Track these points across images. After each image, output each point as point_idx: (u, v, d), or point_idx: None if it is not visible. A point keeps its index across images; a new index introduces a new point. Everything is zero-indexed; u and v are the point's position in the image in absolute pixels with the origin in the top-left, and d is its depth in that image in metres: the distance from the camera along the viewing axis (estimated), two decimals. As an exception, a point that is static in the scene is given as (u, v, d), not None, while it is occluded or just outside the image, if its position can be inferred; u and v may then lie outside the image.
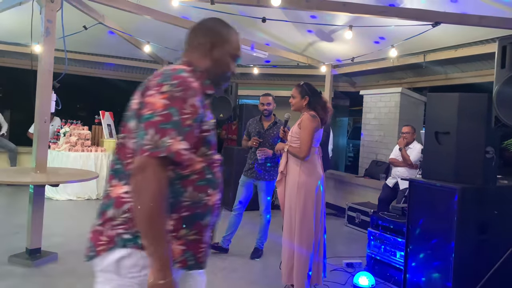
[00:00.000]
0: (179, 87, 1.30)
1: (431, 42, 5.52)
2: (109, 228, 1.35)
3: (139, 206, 1.24)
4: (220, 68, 1.54)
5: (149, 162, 1.23)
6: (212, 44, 1.52)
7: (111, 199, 1.36)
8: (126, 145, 1.36)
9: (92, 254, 1.38)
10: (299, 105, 3.33)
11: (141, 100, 1.34)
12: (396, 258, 3.67)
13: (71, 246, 4.30)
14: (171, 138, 1.24)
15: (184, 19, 5.78)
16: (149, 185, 1.22)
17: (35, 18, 4.09)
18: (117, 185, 1.36)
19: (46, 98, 3.94)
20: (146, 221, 1.23)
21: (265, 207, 4.24)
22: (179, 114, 1.27)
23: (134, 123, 1.34)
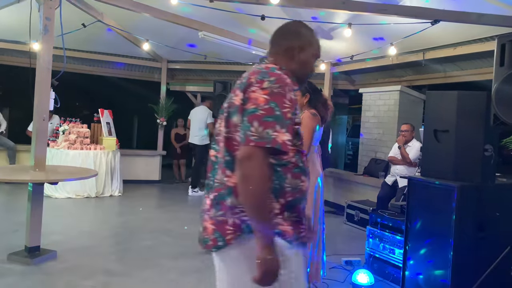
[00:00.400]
0: (277, 84, 1.44)
1: (430, 40, 5.51)
2: (232, 216, 1.46)
3: (247, 190, 1.37)
4: (305, 69, 1.69)
5: (255, 151, 1.37)
6: (300, 48, 1.66)
7: (228, 188, 1.47)
8: (233, 138, 1.48)
9: (221, 244, 1.47)
10: (300, 103, 3.32)
11: (244, 96, 1.46)
12: (395, 256, 3.68)
13: (70, 244, 4.31)
14: (275, 131, 1.38)
15: (183, 17, 5.77)
16: (256, 172, 1.36)
17: (33, 16, 4.08)
18: (232, 175, 1.46)
19: (44, 96, 3.93)
20: (253, 204, 1.38)
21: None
22: (280, 108, 1.40)
23: (237, 117, 1.47)
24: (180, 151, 9.09)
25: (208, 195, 1.56)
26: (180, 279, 3.59)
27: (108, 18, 6.32)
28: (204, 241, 1.55)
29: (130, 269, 3.74)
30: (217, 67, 8.83)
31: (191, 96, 9.70)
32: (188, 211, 6.33)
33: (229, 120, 1.51)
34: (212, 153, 1.61)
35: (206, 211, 1.55)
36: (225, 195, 1.47)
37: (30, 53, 4.32)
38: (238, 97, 1.48)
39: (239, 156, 1.39)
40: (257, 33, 6.48)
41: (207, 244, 1.53)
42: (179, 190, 8.24)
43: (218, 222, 1.49)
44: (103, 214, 6.13)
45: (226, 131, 1.51)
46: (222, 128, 1.54)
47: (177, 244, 4.57)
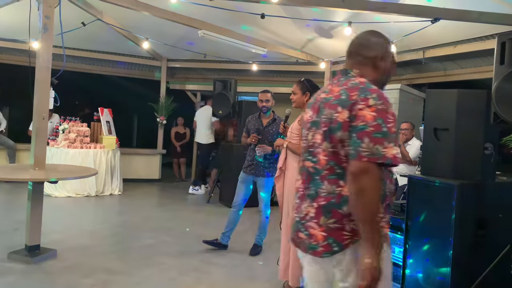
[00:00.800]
0: (380, 100, 1.55)
1: (431, 38, 5.51)
2: (349, 223, 1.56)
3: (362, 203, 1.48)
4: (387, 76, 1.79)
5: (369, 166, 1.48)
6: (381, 57, 1.75)
7: (342, 197, 1.57)
8: (339, 152, 1.59)
9: (337, 249, 1.57)
10: (300, 101, 3.32)
11: (350, 113, 1.55)
12: (394, 254, 3.67)
13: (70, 243, 4.31)
14: (385, 147, 1.49)
15: (183, 16, 5.76)
16: (370, 186, 1.47)
17: (33, 15, 4.07)
18: (345, 186, 1.58)
19: (44, 95, 3.93)
20: (370, 214, 1.48)
21: (264, 203, 4.24)
22: (386, 124, 1.52)
23: (341, 133, 1.56)
24: (180, 150, 9.09)
25: (311, 204, 1.65)
26: (179, 278, 3.59)
27: (108, 16, 6.32)
28: (311, 248, 1.63)
29: (130, 267, 3.74)
30: (217, 66, 8.83)
31: (191, 94, 9.70)
32: (188, 210, 6.33)
33: (331, 135, 1.60)
34: (309, 164, 1.71)
35: (311, 219, 1.64)
36: (340, 203, 1.58)
37: (29, 51, 4.31)
38: (342, 114, 1.56)
39: (353, 171, 1.49)
40: (257, 32, 6.48)
41: (315, 250, 1.62)
42: (179, 188, 8.24)
43: (330, 229, 1.58)
44: (103, 213, 6.13)
45: (330, 146, 1.61)
46: (320, 141, 1.65)
47: (177, 243, 4.58)
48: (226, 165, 6.89)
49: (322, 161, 1.64)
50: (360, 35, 1.81)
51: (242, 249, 4.41)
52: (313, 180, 1.68)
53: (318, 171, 1.65)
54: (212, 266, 3.93)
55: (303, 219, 1.68)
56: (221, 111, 7.04)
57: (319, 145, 1.65)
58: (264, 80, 8.95)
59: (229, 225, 4.35)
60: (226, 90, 6.98)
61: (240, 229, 4.54)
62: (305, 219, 1.67)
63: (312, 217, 1.64)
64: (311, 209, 1.65)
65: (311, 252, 1.64)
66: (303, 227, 1.68)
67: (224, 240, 4.37)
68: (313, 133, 1.70)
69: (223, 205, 6.65)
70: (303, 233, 1.68)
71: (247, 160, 4.32)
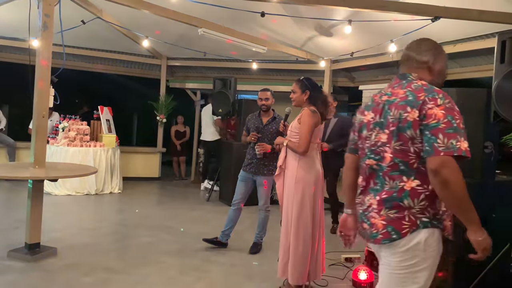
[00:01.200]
0: (447, 99, 1.71)
1: (431, 37, 5.43)
2: (409, 214, 1.73)
3: (451, 192, 1.63)
4: (442, 78, 2.00)
5: (447, 159, 1.62)
6: (432, 62, 1.94)
7: (404, 191, 1.74)
8: (408, 149, 1.73)
9: (396, 237, 1.73)
10: (300, 99, 3.32)
11: (420, 113, 1.70)
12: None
13: (70, 241, 4.32)
14: (458, 141, 1.63)
15: (182, 14, 5.75)
16: (453, 176, 1.62)
17: (33, 13, 4.07)
18: (408, 181, 1.74)
19: (44, 93, 3.92)
20: (461, 200, 1.65)
21: (264, 202, 4.25)
22: (455, 120, 1.66)
23: (410, 131, 1.71)
24: (180, 148, 9.09)
25: (374, 197, 1.83)
26: (179, 277, 3.59)
27: (108, 15, 6.31)
28: (372, 236, 1.82)
29: (129, 266, 3.74)
30: (217, 64, 8.82)
31: (191, 93, 9.70)
32: (188, 208, 6.33)
33: (400, 133, 1.74)
34: (372, 162, 1.86)
35: (373, 210, 1.81)
36: (401, 197, 1.74)
37: (29, 50, 4.31)
38: (412, 113, 1.71)
39: (433, 167, 1.63)
40: (257, 30, 6.47)
41: (375, 238, 1.80)
42: (179, 187, 8.24)
43: (390, 218, 1.75)
44: (103, 211, 6.13)
45: (398, 144, 1.75)
46: (385, 140, 1.80)
47: (177, 241, 4.58)
48: (225, 164, 6.89)
49: (387, 158, 1.79)
50: (411, 42, 2.02)
51: (241, 247, 4.41)
52: (377, 176, 1.84)
53: (382, 168, 1.81)
54: (211, 265, 3.93)
55: (366, 210, 1.87)
56: (221, 110, 7.04)
57: (384, 144, 1.80)
58: (264, 78, 8.94)
59: (228, 224, 4.35)
60: (226, 89, 6.98)
61: (239, 227, 4.54)
62: (368, 211, 1.85)
63: (374, 208, 1.81)
64: (374, 202, 1.82)
65: (372, 241, 1.82)
66: (365, 218, 1.86)
67: (224, 239, 4.37)
68: (376, 133, 1.85)
69: (223, 204, 6.65)
70: (366, 223, 1.86)
71: (247, 159, 4.32)
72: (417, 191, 1.73)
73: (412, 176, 1.73)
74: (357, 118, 2.01)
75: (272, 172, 4.14)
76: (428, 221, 1.73)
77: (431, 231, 1.73)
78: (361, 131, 1.96)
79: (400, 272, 1.76)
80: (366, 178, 1.91)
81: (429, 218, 1.73)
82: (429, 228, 1.73)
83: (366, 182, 1.91)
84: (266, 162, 4.19)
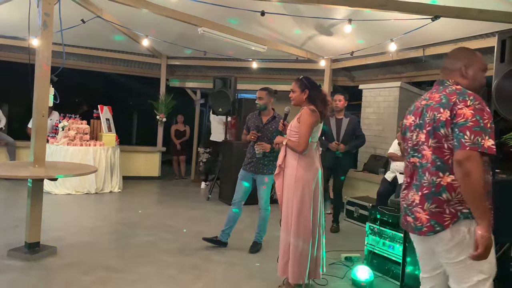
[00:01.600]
0: (477, 101, 1.89)
1: (431, 36, 5.50)
2: (448, 207, 1.94)
3: (469, 184, 1.82)
4: (477, 82, 2.10)
5: (472, 153, 1.81)
6: (465, 68, 2.09)
7: (442, 186, 1.95)
8: (443, 146, 1.95)
9: (439, 229, 1.95)
10: (299, 99, 3.32)
11: (451, 113, 1.91)
12: (394, 252, 3.68)
13: (70, 240, 4.32)
14: (483, 139, 1.82)
15: (182, 13, 5.75)
16: (475, 169, 1.80)
17: (32, 12, 4.07)
18: (444, 176, 1.95)
19: (44, 92, 3.92)
20: (478, 194, 1.82)
21: (264, 201, 4.25)
22: (483, 120, 1.85)
23: (444, 130, 1.94)
24: (180, 148, 9.09)
25: (416, 193, 2.04)
26: (179, 275, 3.59)
27: (108, 14, 6.30)
28: (417, 229, 2.04)
29: (129, 265, 3.75)
30: (217, 63, 8.82)
31: (191, 92, 9.70)
32: (188, 207, 6.33)
33: (435, 132, 1.97)
34: (415, 160, 2.09)
35: (417, 205, 2.03)
36: (439, 192, 1.95)
37: (29, 49, 4.31)
38: (444, 114, 1.94)
39: (459, 158, 1.83)
40: (257, 30, 6.47)
41: (420, 230, 2.02)
42: (179, 186, 8.25)
43: (432, 213, 1.97)
44: (103, 210, 6.13)
45: (435, 141, 1.98)
46: (424, 139, 2.03)
47: (177, 240, 4.58)
48: (225, 163, 6.89)
49: (428, 156, 2.01)
50: (450, 52, 2.22)
51: (241, 246, 4.41)
52: (418, 173, 2.06)
53: (422, 165, 2.04)
54: (211, 264, 3.93)
55: (410, 205, 2.09)
56: (221, 109, 7.04)
57: (424, 143, 2.04)
58: (264, 77, 8.94)
59: (228, 223, 4.35)
60: (226, 88, 6.98)
61: (239, 226, 4.55)
62: (412, 205, 2.07)
63: (417, 203, 2.03)
64: (416, 197, 2.04)
65: (417, 233, 2.04)
66: (410, 212, 2.09)
67: (224, 238, 4.37)
68: (417, 134, 2.09)
69: (223, 203, 6.65)
70: (410, 217, 2.09)
71: (247, 158, 4.33)
72: (453, 185, 1.92)
73: (447, 172, 1.94)
74: (402, 122, 2.26)
75: (272, 171, 4.14)
76: (468, 212, 1.90)
77: (471, 221, 1.90)
78: (405, 133, 2.22)
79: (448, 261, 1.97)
80: (410, 175, 2.13)
81: (468, 209, 1.90)
82: (470, 219, 1.90)
83: (410, 178, 2.13)
84: (266, 162, 4.20)
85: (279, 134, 3.52)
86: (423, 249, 2.16)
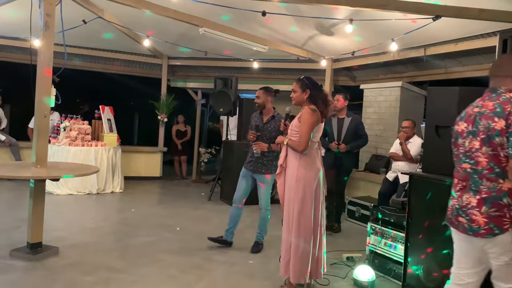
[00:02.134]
0: None
1: (432, 36, 5.50)
2: (508, 211, 2.01)
3: None
4: None
5: None
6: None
7: (503, 192, 2.02)
8: (499, 154, 2.03)
9: (498, 232, 2.02)
10: (300, 99, 3.32)
11: (506, 122, 1.99)
12: (396, 252, 3.68)
13: (72, 240, 4.33)
14: None
15: (184, 13, 5.76)
16: None
17: (34, 12, 4.08)
18: (504, 182, 2.02)
19: (45, 93, 3.93)
20: None
21: (264, 200, 4.26)
22: None
23: (499, 139, 2.00)
24: (181, 148, 9.10)
25: (473, 196, 2.10)
26: (180, 275, 3.60)
27: (109, 14, 6.31)
28: (471, 230, 2.10)
29: (131, 265, 3.75)
30: (218, 64, 8.82)
31: (192, 92, 9.70)
32: (189, 207, 6.34)
33: (490, 141, 2.04)
34: (466, 166, 2.16)
35: (473, 208, 2.09)
36: (500, 196, 2.03)
37: (31, 49, 4.32)
38: (499, 123, 2.01)
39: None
40: (258, 30, 6.47)
41: (477, 232, 2.08)
42: (180, 186, 8.25)
43: (492, 216, 2.03)
44: (105, 210, 6.14)
45: (490, 149, 2.05)
46: (478, 147, 2.10)
47: (178, 240, 4.59)
48: (226, 163, 6.89)
49: (483, 163, 2.07)
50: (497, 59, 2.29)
51: (243, 246, 4.41)
52: (471, 178, 2.13)
53: (477, 171, 2.10)
54: (212, 264, 3.94)
55: (465, 207, 2.14)
56: (222, 109, 7.04)
57: (478, 150, 2.10)
58: (265, 77, 8.94)
59: (231, 222, 4.36)
60: (227, 88, 6.98)
61: (240, 226, 4.55)
62: (466, 207, 2.13)
63: (474, 206, 2.09)
64: (473, 200, 2.10)
65: (473, 234, 2.10)
66: (464, 213, 2.14)
67: (229, 237, 4.39)
68: (469, 141, 2.15)
69: (224, 203, 6.66)
70: (463, 218, 2.14)
71: (249, 156, 4.35)
72: None
73: (507, 178, 2.01)
74: (453, 129, 2.33)
75: (271, 171, 4.15)
76: None
77: None
78: (456, 139, 2.28)
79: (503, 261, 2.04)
80: (463, 179, 2.19)
81: None
82: None
83: (464, 182, 2.18)
84: (264, 161, 4.21)
85: (278, 133, 3.52)
86: (470, 247, 2.19)
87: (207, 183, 8.44)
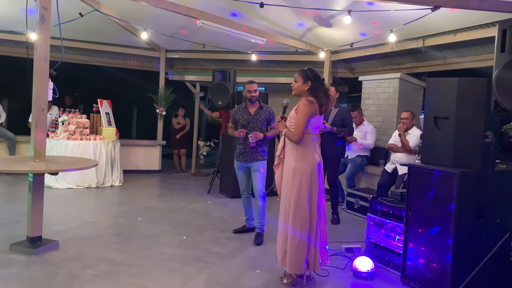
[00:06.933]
0: None
1: (430, 26, 5.47)
2: None
3: None
4: None
5: None
6: None
7: None
8: None
9: None
10: (301, 89, 3.31)
11: None
12: (395, 243, 3.70)
13: (72, 234, 4.33)
14: None
15: (181, 5, 5.72)
16: None
17: (30, 5, 4.04)
18: None
19: (43, 87, 3.91)
20: None
21: (259, 189, 4.36)
22: None
23: None
24: (180, 139, 9.09)
25: None
26: (181, 268, 3.61)
27: (105, 7, 6.27)
28: None
29: (131, 258, 3.76)
30: (216, 56, 8.79)
31: (190, 85, 9.67)
32: (189, 200, 6.34)
33: None
34: None
35: None
36: None
37: (27, 43, 4.28)
38: None
39: None
40: (256, 21, 6.43)
41: None
42: (180, 179, 8.26)
43: None
44: (104, 204, 6.14)
45: None
46: None
47: (178, 233, 4.60)
48: (226, 156, 6.89)
49: None
50: None
51: (243, 238, 4.43)
52: None
53: None
54: (214, 256, 3.95)
55: None
56: (220, 102, 7.02)
57: None
58: (263, 70, 8.91)
59: (247, 211, 4.66)
60: (225, 81, 6.95)
61: (240, 219, 4.56)
62: None
63: None
64: None
65: None
66: None
67: (251, 225, 4.65)
68: None
69: (223, 196, 6.67)
70: None
71: (239, 149, 4.46)
72: None
73: None
74: None
75: (263, 157, 4.39)
76: None
77: None
78: None
79: None
80: None
81: None
82: None
83: None
84: (259, 149, 4.39)
85: (268, 122, 4.02)
86: None
87: (207, 176, 8.44)
